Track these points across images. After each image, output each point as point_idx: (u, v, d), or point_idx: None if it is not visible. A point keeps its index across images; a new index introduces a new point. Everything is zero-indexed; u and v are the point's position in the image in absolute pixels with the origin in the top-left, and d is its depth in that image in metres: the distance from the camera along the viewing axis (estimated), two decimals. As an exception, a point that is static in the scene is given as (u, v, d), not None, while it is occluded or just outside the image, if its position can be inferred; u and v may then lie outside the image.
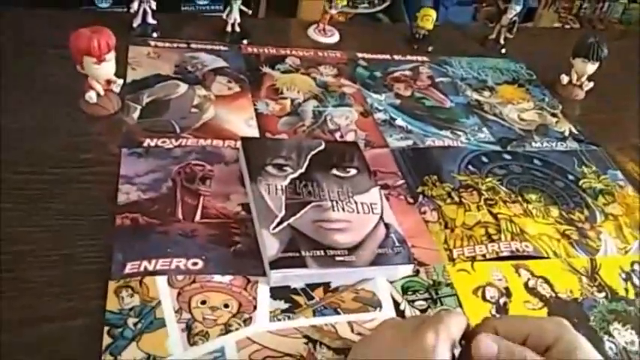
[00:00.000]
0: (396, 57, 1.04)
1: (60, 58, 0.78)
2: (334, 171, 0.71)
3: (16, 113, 0.73)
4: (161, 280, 0.57)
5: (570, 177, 0.85)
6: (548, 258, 0.70)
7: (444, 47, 1.09)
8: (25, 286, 0.55)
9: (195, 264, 0.59)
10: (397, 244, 0.64)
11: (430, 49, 1.08)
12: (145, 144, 0.73)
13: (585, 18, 2.00)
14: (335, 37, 1.06)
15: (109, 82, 0.76)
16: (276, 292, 0.59)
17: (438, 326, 0.45)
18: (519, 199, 0.78)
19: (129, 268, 0.57)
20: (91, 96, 0.74)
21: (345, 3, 1.02)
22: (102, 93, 0.75)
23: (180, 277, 0.58)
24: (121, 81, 0.77)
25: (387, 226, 0.66)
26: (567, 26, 1.91)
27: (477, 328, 0.49)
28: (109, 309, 0.54)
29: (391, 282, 0.63)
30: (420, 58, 1.06)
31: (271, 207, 0.65)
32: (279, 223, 0.63)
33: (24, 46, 0.86)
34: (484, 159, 0.84)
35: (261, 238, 0.62)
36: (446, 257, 0.67)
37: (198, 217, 0.65)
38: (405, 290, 0.62)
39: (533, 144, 0.90)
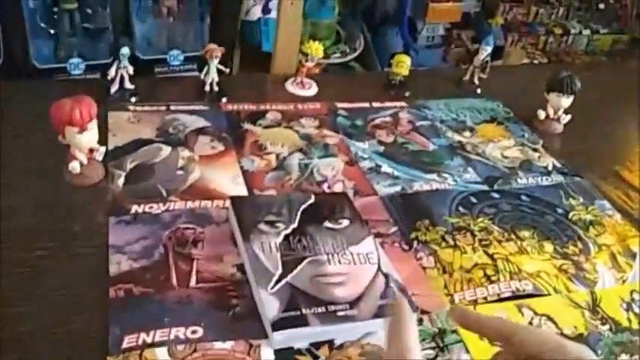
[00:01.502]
0: (374, 104, 1.05)
1: (39, 129, 0.77)
2: (326, 223, 0.71)
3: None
4: (161, 352, 0.55)
5: (559, 210, 0.85)
6: (548, 295, 0.70)
7: (420, 91, 1.11)
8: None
9: (194, 332, 0.57)
10: (398, 293, 0.63)
11: (407, 94, 1.09)
12: (133, 211, 0.72)
13: (552, 52, 2.06)
14: (313, 90, 1.07)
15: (91, 150, 0.75)
16: (281, 355, 0.57)
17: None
18: (513, 237, 0.78)
19: (127, 341, 0.55)
20: (74, 166, 0.73)
21: (321, 55, 1.03)
22: (85, 162, 0.74)
23: (180, 347, 0.56)
24: (103, 148, 0.76)
25: (385, 275, 0.65)
26: (536, 61, 1.96)
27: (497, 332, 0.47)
28: (109, 387, 0.52)
29: (396, 333, 0.61)
30: (398, 104, 1.07)
31: (267, 266, 0.63)
32: (277, 282, 0.62)
33: (1, 120, 0.85)
34: (473, 199, 0.84)
35: (260, 298, 0.60)
36: (448, 303, 0.67)
37: (193, 283, 0.63)
38: (410, 341, 0.61)
39: (519, 180, 0.91)
